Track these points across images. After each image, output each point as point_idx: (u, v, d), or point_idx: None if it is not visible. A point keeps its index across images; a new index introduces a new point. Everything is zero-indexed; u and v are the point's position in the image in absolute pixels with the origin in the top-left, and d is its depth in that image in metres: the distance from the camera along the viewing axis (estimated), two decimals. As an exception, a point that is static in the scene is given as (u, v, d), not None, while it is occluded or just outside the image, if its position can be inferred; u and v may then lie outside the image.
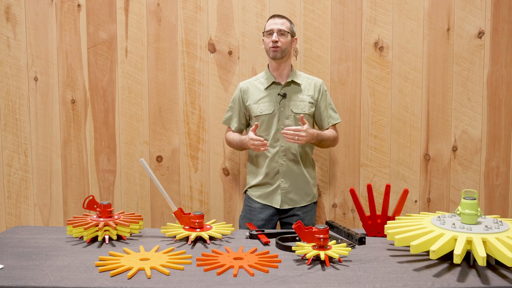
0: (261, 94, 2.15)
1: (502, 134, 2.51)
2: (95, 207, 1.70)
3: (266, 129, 2.13)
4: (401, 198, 1.72)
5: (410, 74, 2.48)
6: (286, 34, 2.08)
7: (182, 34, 2.48)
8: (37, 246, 1.57)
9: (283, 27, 2.08)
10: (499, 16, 2.45)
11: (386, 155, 2.52)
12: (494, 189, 2.54)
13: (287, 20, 2.13)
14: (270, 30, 2.08)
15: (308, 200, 2.19)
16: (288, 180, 2.14)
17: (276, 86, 2.14)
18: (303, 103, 2.13)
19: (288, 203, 2.15)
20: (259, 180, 2.16)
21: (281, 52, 2.08)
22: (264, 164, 2.14)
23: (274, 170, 2.14)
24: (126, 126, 2.52)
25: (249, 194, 2.22)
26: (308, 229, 1.43)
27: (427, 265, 1.37)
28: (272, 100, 2.13)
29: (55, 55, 2.50)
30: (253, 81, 2.21)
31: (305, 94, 2.15)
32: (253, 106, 2.15)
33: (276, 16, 2.13)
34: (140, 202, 2.56)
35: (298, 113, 2.11)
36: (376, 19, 2.46)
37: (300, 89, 2.15)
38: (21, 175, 2.56)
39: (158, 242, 1.63)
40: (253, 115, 2.15)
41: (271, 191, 2.15)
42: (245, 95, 2.18)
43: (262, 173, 2.15)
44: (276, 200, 2.15)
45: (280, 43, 2.07)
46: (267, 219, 2.16)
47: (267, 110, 2.12)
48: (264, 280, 1.27)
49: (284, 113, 2.12)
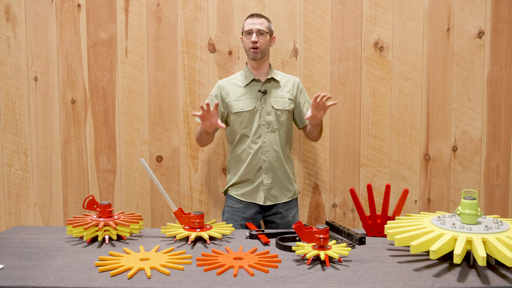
0: (241, 91, 2.16)
1: (502, 134, 2.51)
2: (95, 207, 1.71)
3: (248, 125, 2.14)
4: (401, 198, 1.72)
5: (410, 74, 2.49)
6: (265, 34, 2.10)
7: (182, 34, 2.48)
8: (37, 246, 1.57)
9: (262, 27, 2.09)
10: (499, 16, 2.45)
11: (386, 155, 2.52)
12: (494, 189, 2.54)
13: (266, 20, 2.14)
14: (249, 30, 2.10)
15: (290, 196, 2.20)
16: (270, 176, 2.14)
17: (256, 83, 2.16)
18: (283, 99, 2.16)
19: (270, 200, 2.16)
20: (241, 177, 2.16)
21: (261, 53, 2.10)
22: (246, 161, 2.14)
23: (257, 166, 2.14)
24: (126, 126, 2.53)
25: (230, 193, 2.22)
26: (308, 229, 1.43)
27: (427, 265, 1.37)
28: (253, 96, 2.14)
29: (55, 55, 2.50)
30: (231, 79, 2.23)
31: (284, 91, 2.18)
32: (234, 103, 2.15)
33: (254, 15, 2.14)
34: (140, 202, 2.56)
35: (279, 109, 2.13)
36: (376, 19, 2.46)
37: (279, 86, 2.18)
38: (21, 175, 2.56)
39: (158, 242, 1.63)
40: (233, 112, 2.15)
41: (253, 188, 2.15)
42: (224, 92, 2.19)
43: (244, 170, 2.15)
44: (260, 196, 2.15)
45: (259, 44, 2.09)
46: (251, 218, 2.16)
47: (248, 107, 2.13)
48: (264, 280, 1.27)
49: (266, 109, 2.13)
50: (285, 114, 2.15)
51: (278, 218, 2.18)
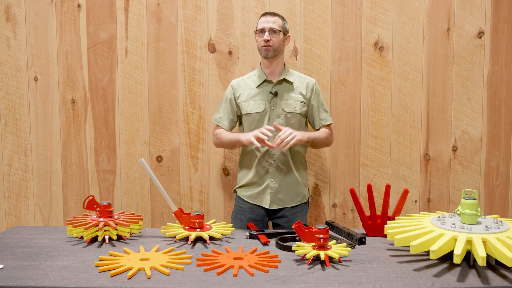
0: (252, 91, 2.13)
1: (502, 134, 2.51)
2: (95, 207, 1.71)
3: (257, 127, 2.09)
4: (401, 198, 1.72)
5: (410, 74, 2.49)
6: (278, 33, 2.06)
7: (182, 34, 2.48)
8: (37, 246, 1.57)
9: (274, 25, 2.05)
10: (499, 16, 2.45)
11: (386, 155, 2.52)
12: (494, 189, 2.54)
13: (280, 18, 2.10)
14: (262, 29, 2.06)
15: (298, 201, 2.16)
16: (277, 180, 2.11)
17: (268, 84, 2.13)
18: (295, 102, 2.11)
19: (277, 203, 2.12)
20: (249, 180, 2.15)
21: (273, 51, 2.06)
22: (253, 164, 2.13)
23: (264, 169, 2.11)
24: (126, 126, 2.53)
25: (238, 194, 2.21)
26: (308, 229, 1.43)
27: (427, 265, 1.37)
28: (264, 98, 2.11)
29: (55, 55, 2.50)
30: (245, 78, 2.19)
31: (297, 93, 2.12)
32: (244, 104, 2.13)
33: (268, 14, 2.10)
34: (140, 202, 2.56)
35: (290, 112, 2.09)
36: (376, 19, 2.46)
37: (292, 88, 2.13)
38: (21, 175, 2.56)
39: (158, 242, 1.63)
40: (244, 113, 2.13)
41: (260, 191, 2.13)
42: (236, 92, 2.16)
43: (251, 173, 2.13)
44: (266, 200, 2.12)
45: (271, 42, 2.04)
46: (258, 219, 2.14)
47: (258, 108, 2.10)
48: (264, 280, 1.27)
49: (275, 111, 2.10)
50: (296, 117, 2.10)
51: (284, 221, 2.14)
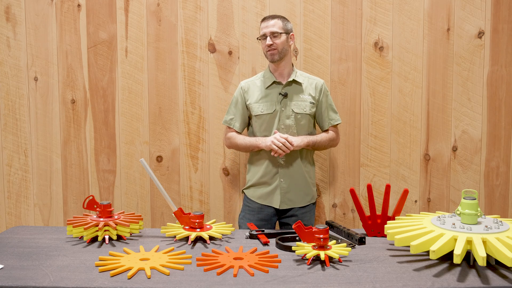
0: (262, 93, 2.14)
1: (502, 134, 2.51)
2: (95, 207, 1.71)
3: (267, 129, 2.12)
4: (401, 198, 1.72)
5: (410, 74, 2.49)
6: (279, 35, 2.06)
7: (182, 34, 2.48)
8: (37, 246, 1.57)
9: (274, 28, 2.06)
10: (499, 16, 2.45)
11: (386, 155, 2.52)
12: (494, 189, 2.54)
13: (279, 19, 2.09)
14: (263, 34, 2.08)
15: (307, 200, 2.18)
16: (287, 180, 2.13)
17: (277, 86, 2.13)
18: (304, 103, 2.12)
19: (287, 203, 2.14)
20: (258, 180, 2.16)
21: (278, 54, 2.07)
22: (264, 164, 2.14)
23: (274, 169, 2.13)
24: (126, 126, 2.53)
25: (247, 195, 2.22)
26: (308, 229, 1.43)
27: (427, 265, 1.37)
28: (273, 99, 2.12)
29: (55, 55, 2.50)
30: (254, 80, 2.20)
31: (306, 94, 2.14)
32: (254, 105, 2.14)
33: (267, 18, 2.11)
34: (140, 202, 2.56)
35: (299, 113, 2.10)
36: (376, 19, 2.46)
37: (301, 89, 2.14)
38: (21, 175, 2.56)
39: (158, 242, 1.63)
40: (254, 115, 2.14)
41: (270, 191, 2.14)
42: (246, 94, 2.17)
43: (261, 173, 2.14)
44: (276, 200, 2.14)
45: (275, 45, 2.05)
46: (266, 219, 2.16)
47: (268, 110, 2.11)
48: (264, 280, 1.27)
49: (285, 112, 2.11)
50: (306, 118, 2.12)
51: (293, 220, 2.15)
